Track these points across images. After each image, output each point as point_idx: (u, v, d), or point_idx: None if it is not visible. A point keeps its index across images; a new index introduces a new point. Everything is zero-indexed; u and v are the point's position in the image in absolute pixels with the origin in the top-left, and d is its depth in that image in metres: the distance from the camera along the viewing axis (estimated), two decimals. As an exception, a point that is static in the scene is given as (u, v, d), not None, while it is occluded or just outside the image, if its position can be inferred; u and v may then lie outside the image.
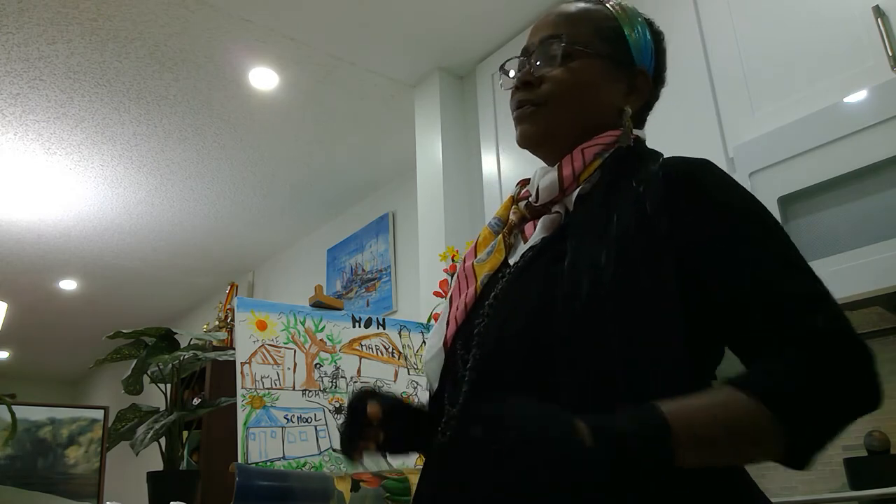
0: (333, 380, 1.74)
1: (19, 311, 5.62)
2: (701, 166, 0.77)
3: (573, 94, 0.85)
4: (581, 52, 0.85)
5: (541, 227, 0.81)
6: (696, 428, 0.60)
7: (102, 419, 1.90)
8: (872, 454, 1.73)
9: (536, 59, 0.87)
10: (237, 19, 2.69)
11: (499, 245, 0.86)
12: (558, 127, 0.85)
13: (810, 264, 0.71)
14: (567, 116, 0.85)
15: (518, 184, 0.93)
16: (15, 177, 3.79)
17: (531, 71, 0.86)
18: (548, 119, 0.85)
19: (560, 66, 0.85)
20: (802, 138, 1.69)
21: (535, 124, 0.85)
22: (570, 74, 0.85)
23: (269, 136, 3.53)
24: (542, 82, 0.85)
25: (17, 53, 2.84)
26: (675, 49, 2.18)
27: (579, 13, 0.90)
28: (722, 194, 0.75)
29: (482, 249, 0.88)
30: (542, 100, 0.85)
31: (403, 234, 3.89)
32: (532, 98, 0.85)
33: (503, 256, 0.85)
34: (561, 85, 0.84)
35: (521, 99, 0.86)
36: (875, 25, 1.66)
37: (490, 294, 0.81)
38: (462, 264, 0.90)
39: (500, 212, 0.91)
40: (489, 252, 0.86)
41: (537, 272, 0.76)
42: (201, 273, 5.29)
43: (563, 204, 0.81)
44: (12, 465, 1.74)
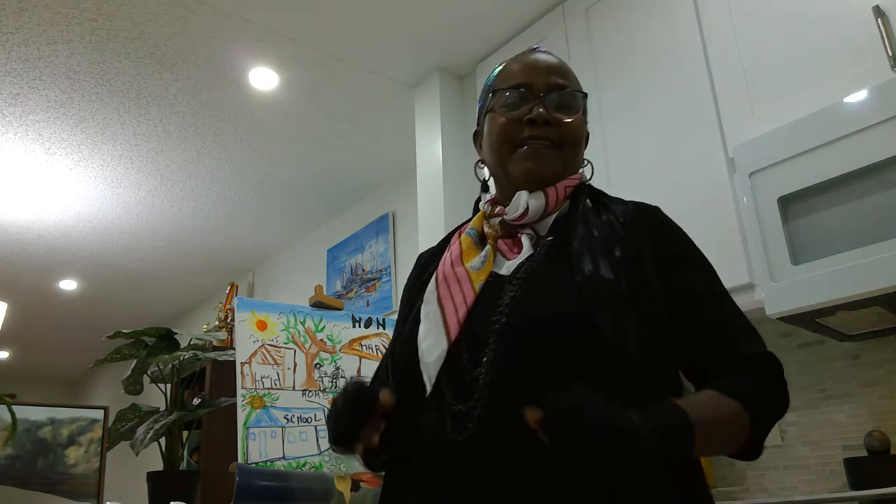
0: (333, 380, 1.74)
1: (19, 311, 5.62)
2: (659, 211, 0.95)
3: (579, 143, 0.97)
4: (581, 108, 0.98)
5: (527, 243, 0.91)
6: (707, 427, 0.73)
7: (102, 419, 1.90)
8: (872, 454, 1.73)
9: (552, 104, 0.95)
10: (237, 19, 2.69)
11: (490, 255, 0.92)
12: (561, 169, 0.94)
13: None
14: (569, 162, 0.96)
15: (488, 202, 1.00)
16: (15, 177, 3.78)
17: (549, 111, 0.94)
18: (560, 162, 0.94)
19: (571, 114, 0.96)
20: (802, 138, 1.69)
21: (551, 165, 0.94)
22: (579, 125, 0.97)
23: (269, 136, 3.53)
24: (560, 127, 0.94)
25: (17, 53, 2.84)
26: (676, 49, 2.20)
27: (568, 70, 1.01)
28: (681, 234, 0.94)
29: (469, 257, 0.93)
30: (561, 142, 0.94)
31: (403, 234, 3.89)
32: (552, 137, 0.94)
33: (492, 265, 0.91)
34: (577, 134, 0.96)
35: (542, 135, 0.94)
36: (875, 25, 1.66)
37: (497, 301, 0.84)
38: (447, 267, 0.93)
39: (476, 223, 0.98)
40: (482, 261, 0.91)
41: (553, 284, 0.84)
42: (201, 273, 5.29)
43: (533, 227, 0.92)
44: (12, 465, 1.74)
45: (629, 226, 0.89)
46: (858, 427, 1.89)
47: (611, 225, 0.89)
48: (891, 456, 1.72)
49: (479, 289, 0.87)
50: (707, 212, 1.88)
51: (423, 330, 0.89)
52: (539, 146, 0.93)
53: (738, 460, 0.83)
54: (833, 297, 1.57)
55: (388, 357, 1.00)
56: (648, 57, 2.21)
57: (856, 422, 1.91)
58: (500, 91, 0.98)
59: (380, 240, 4.03)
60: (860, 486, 1.64)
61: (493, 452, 0.77)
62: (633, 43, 2.28)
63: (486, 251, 0.92)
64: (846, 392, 1.95)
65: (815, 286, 1.59)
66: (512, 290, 0.85)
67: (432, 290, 0.92)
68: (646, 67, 2.21)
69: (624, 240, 0.87)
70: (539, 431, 0.67)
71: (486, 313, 0.85)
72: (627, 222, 0.90)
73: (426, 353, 0.86)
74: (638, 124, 2.18)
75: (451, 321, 0.86)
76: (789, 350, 2.06)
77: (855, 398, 1.93)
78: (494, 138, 0.97)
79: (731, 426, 0.77)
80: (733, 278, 1.75)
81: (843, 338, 1.91)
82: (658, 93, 2.15)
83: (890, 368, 1.89)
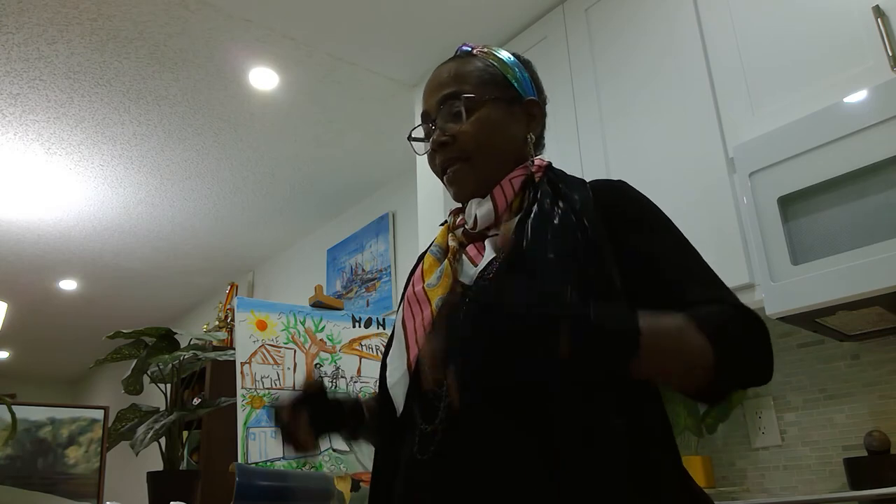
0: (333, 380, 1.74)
1: (19, 311, 5.62)
2: (622, 184, 0.91)
3: (488, 141, 0.94)
4: (479, 103, 0.94)
5: (489, 248, 0.90)
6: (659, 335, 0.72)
7: (102, 419, 1.90)
8: (872, 454, 1.73)
9: (443, 120, 0.95)
10: (237, 19, 2.69)
11: (446, 270, 0.91)
12: (486, 174, 0.93)
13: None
14: (490, 162, 0.94)
15: (451, 213, 1.00)
16: (15, 177, 3.79)
17: (443, 132, 0.94)
18: (475, 172, 0.93)
19: (466, 120, 0.93)
20: (802, 138, 1.69)
21: (467, 181, 0.94)
22: (479, 125, 0.93)
23: (269, 136, 3.53)
24: (456, 139, 0.94)
25: (17, 53, 2.84)
26: (676, 49, 2.20)
27: (462, 70, 0.98)
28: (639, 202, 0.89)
29: (429, 275, 0.93)
30: (465, 154, 0.93)
31: (403, 234, 3.89)
32: (455, 154, 0.94)
33: (451, 279, 0.90)
34: (475, 137, 0.93)
35: (446, 158, 0.95)
36: (875, 25, 1.66)
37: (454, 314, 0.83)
38: (410, 289, 0.95)
39: (439, 239, 0.98)
40: (438, 276, 0.91)
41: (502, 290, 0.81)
42: (201, 273, 5.29)
43: (499, 228, 0.91)
44: (12, 465, 1.74)
45: (585, 211, 0.85)
46: (858, 427, 1.89)
47: (564, 217, 0.85)
48: (891, 456, 1.72)
49: (436, 307, 0.87)
50: (707, 212, 1.87)
51: (391, 353, 0.92)
52: (451, 170, 0.95)
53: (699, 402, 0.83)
54: (833, 297, 1.57)
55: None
56: (648, 57, 2.21)
57: (856, 422, 1.91)
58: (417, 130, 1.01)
59: (380, 240, 4.03)
60: (860, 486, 1.64)
61: (455, 472, 0.77)
62: (633, 43, 2.28)
63: (442, 267, 0.92)
64: (846, 392, 1.95)
65: (815, 286, 1.59)
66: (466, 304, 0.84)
67: (399, 311, 0.94)
68: (646, 67, 2.21)
69: (576, 230, 0.83)
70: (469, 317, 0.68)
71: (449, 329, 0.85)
72: (583, 207, 0.85)
73: (390, 375, 0.89)
74: (638, 124, 2.18)
75: (411, 343, 0.87)
76: (789, 350, 2.06)
77: (855, 398, 1.93)
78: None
79: (687, 347, 0.73)
80: (733, 278, 1.75)
81: (843, 338, 1.91)
82: (658, 93, 2.15)
83: (890, 368, 1.89)
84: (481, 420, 0.78)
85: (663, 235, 0.87)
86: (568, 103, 2.39)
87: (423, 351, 0.81)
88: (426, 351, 0.75)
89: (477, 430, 0.78)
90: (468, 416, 0.79)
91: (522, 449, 0.74)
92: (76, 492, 1.79)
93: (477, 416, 0.78)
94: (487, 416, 0.77)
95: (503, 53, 1.02)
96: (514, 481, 0.73)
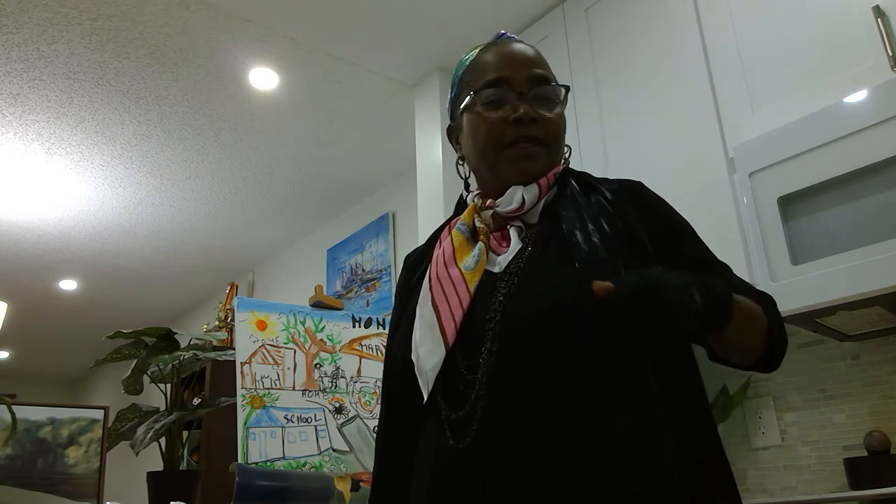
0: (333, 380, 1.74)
1: (19, 311, 5.61)
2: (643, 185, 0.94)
3: (562, 136, 0.96)
4: (563, 99, 0.96)
5: (515, 237, 0.89)
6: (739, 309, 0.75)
7: (102, 419, 1.90)
8: (872, 454, 1.73)
9: (536, 100, 0.93)
10: (237, 19, 2.69)
11: (483, 254, 0.88)
12: (551, 165, 0.93)
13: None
14: (556, 158, 0.95)
15: (478, 194, 0.96)
16: (15, 177, 3.78)
17: (534, 110, 0.92)
18: (547, 158, 0.93)
19: (554, 111, 0.94)
20: (802, 138, 1.69)
21: (541, 163, 0.92)
22: (561, 119, 0.95)
23: (269, 136, 3.53)
24: (545, 123, 0.92)
25: (17, 53, 2.84)
26: (676, 49, 2.20)
27: (543, 60, 0.98)
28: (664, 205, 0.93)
29: (462, 255, 0.90)
30: (547, 140, 0.92)
31: (403, 234, 3.89)
32: (539, 135, 0.91)
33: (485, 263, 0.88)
34: (558, 128, 0.94)
35: (527, 135, 0.91)
36: (875, 25, 1.66)
37: (491, 298, 0.82)
38: (438, 267, 0.90)
39: (466, 218, 0.95)
40: (476, 259, 0.88)
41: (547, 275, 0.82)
42: (201, 273, 5.29)
43: (521, 218, 0.91)
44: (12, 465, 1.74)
45: (616, 202, 0.87)
46: (858, 427, 1.89)
47: (599, 203, 0.87)
48: (891, 456, 1.72)
49: (473, 290, 0.84)
50: (707, 212, 1.87)
51: (418, 336, 0.86)
52: (528, 146, 0.91)
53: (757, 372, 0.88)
54: (833, 297, 1.57)
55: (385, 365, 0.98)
56: (648, 57, 2.21)
57: (856, 422, 1.91)
58: (479, 87, 0.94)
59: (380, 240, 4.03)
60: (860, 486, 1.64)
61: (500, 458, 0.74)
62: (633, 43, 2.28)
63: (479, 249, 0.88)
64: (846, 392, 1.95)
65: (815, 286, 1.59)
66: (504, 287, 0.83)
67: (426, 292, 0.89)
68: (646, 67, 2.21)
69: (613, 215, 0.85)
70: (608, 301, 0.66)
71: (480, 314, 0.82)
72: (615, 198, 0.88)
73: (424, 359, 0.83)
74: (638, 124, 2.18)
75: (447, 325, 0.83)
76: (789, 350, 2.04)
77: (855, 398, 1.93)
78: (481, 139, 0.93)
79: (755, 318, 0.81)
80: (733, 278, 1.75)
81: (843, 338, 1.91)
82: (658, 93, 2.15)
83: (890, 368, 1.89)
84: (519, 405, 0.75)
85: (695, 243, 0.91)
86: (568, 103, 2.39)
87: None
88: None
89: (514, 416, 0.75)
90: (506, 401, 0.76)
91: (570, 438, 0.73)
92: (76, 492, 1.79)
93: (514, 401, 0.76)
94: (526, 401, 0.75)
95: None
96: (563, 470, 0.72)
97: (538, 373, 0.76)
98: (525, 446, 0.73)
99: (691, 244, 0.90)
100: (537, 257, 0.85)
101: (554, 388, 0.75)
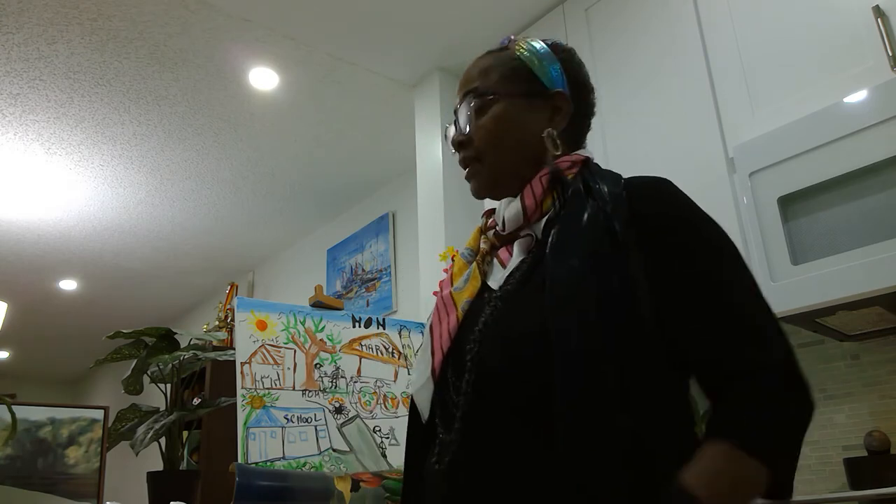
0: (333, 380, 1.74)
1: (19, 311, 5.62)
2: (659, 185, 0.82)
3: (501, 137, 0.91)
4: (493, 100, 0.91)
5: (518, 250, 0.87)
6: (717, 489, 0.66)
7: (102, 419, 1.90)
8: (872, 454, 1.73)
9: (462, 119, 0.94)
10: (237, 19, 2.69)
11: (474, 272, 0.90)
12: (501, 171, 0.91)
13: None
14: (505, 159, 0.91)
15: (484, 214, 0.98)
16: (15, 177, 3.78)
17: (460, 132, 0.94)
18: (489, 169, 0.91)
19: (480, 118, 0.92)
20: (802, 138, 1.69)
21: (480, 177, 0.92)
22: (492, 122, 0.91)
23: (268, 136, 3.53)
24: (472, 138, 0.93)
25: (17, 53, 2.84)
26: (676, 49, 2.20)
27: (486, 64, 0.95)
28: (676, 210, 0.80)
29: (458, 278, 0.92)
30: (479, 153, 0.92)
31: (403, 234, 3.89)
32: (471, 154, 0.93)
33: (479, 283, 0.89)
34: (487, 135, 0.91)
35: (462, 158, 0.94)
36: (875, 25, 1.66)
37: (478, 320, 0.83)
38: (440, 293, 0.93)
39: (471, 242, 0.97)
40: (466, 280, 0.90)
41: (525, 299, 0.80)
42: (201, 273, 5.29)
43: (531, 228, 0.87)
44: (12, 465, 1.74)
45: (615, 213, 0.77)
46: (858, 427, 1.89)
47: (592, 220, 0.77)
48: (891, 456, 1.72)
49: (462, 311, 0.86)
50: (707, 212, 1.87)
51: (417, 359, 0.91)
52: (467, 171, 0.94)
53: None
54: (833, 297, 1.57)
55: None
56: (648, 57, 2.21)
57: (856, 422, 1.91)
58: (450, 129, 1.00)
59: (380, 240, 4.03)
60: (860, 486, 1.64)
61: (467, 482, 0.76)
62: (633, 43, 2.28)
63: (470, 270, 0.91)
64: (846, 392, 1.95)
65: (815, 286, 1.59)
66: (489, 310, 0.83)
67: (429, 316, 0.93)
68: (646, 67, 2.21)
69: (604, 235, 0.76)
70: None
71: (469, 337, 0.83)
72: (615, 208, 0.78)
73: (414, 381, 0.88)
74: (638, 124, 2.18)
75: (436, 348, 0.86)
76: (789, 350, 2.06)
77: (855, 398, 1.93)
78: None
79: (748, 486, 0.68)
80: (733, 278, 1.75)
81: (843, 338, 1.91)
82: (658, 93, 2.15)
83: (890, 368, 1.89)
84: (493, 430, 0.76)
85: (700, 255, 0.77)
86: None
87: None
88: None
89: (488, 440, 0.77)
90: (481, 425, 0.77)
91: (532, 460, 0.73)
92: (76, 492, 1.79)
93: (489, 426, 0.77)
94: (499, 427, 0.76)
95: (536, 44, 0.96)
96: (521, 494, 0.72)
97: (509, 401, 0.76)
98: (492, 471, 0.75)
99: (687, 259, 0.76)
100: (525, 280, 0.82)
101: (525, 415, 0.75)
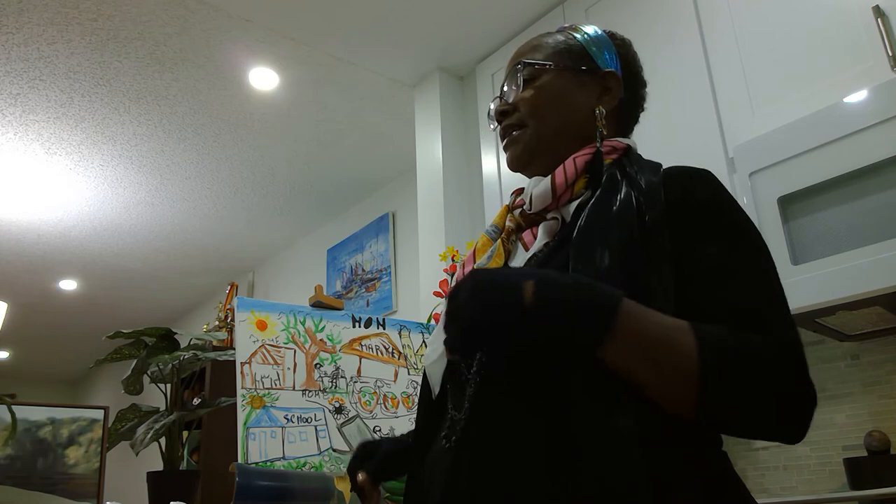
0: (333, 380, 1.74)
1: (19, 311, 5.61)
2: (699, 176, 0.79)
3: (546, 107, 0.89)
4: (542, 70, 0.90)
5: (542, 233, 0.85)
6: (638, 333, 0.63)
7: (102, 419, 1.90)
8: (872, 454, 1.73)
9: (507, 89, 0.93)
10: (237, 19, 2.69)
11: (498, 250, 0.88)
12: (541, 142, 0.88)
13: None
14: (547, 130, 0.88)
15: (513, 193, 0.95)
16: (15, 177, 3.79)
17: (504, 101, 0.92)
18: (530, 138, 0.89)
19: (526, 87, 0.90)
20: (802, 138, 1.69)
21: (518, 145, 0.90)
22: (539, 91, 0.89)
23: (269, 136, 3.53)
24: (517, 108, 0.90)
25: (17, 53, 2.84)
26: (676, 49, 2.19)
27: (538, 42, 0.95)
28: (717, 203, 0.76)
29: (481, 255, 0.90)
30: (522, 121, 0.90)
31: (403, 234, 3.89)
32: (513, 122, 0.90)
33: (503, 261, 0.87)
34: (532, 103, 0.89)
35: (504, 126, 0.92)
36: (875, 25, 1.66)
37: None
38: (461, 269, 0.91)
39: (497, 219, 0.94)
40: (489, 257, 0.88)
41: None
42: (201, 273, 5.29)
43: (559, 212, 0.84)
44: (12, 465, 1.74)
45: (649, 200, 0.74)
46: (858, 427, 1.89)
47: (623, 209, 0.74)
48: (891, 456, 1.72)
49: None
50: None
51: (433, 333, 0.89)
52: (507, 139, 0.91)
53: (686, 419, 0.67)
54: (833, 297, 1.57)
55: None
56: (648, 57, 2.20)
57: (856, 422, 1.91)
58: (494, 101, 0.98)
59: (380, 240, 4.03)
60: (860, 486, 1.64)
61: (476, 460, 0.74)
62: (634, 43, 2.27)
63: (494, 247, 0.89)
64: (846, 392, 1.95)
65: (815, 286, 1.59)
66: None
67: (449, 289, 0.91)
68: (646, 67, 2.20)
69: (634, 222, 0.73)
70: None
71: None
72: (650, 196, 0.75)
73: (427, 356, 0.87)
74: (638, 124, 2.18)
75: None
76: (789, 350, 2.06)
77: (855, 398, 1.93)
78: None
79: (667, 350, 0.63)
80: (733, 278, 1.75)
81: (843, 338, 1.91)
82: (658, 93, 2.14)
83: (890, 368, 1.89)
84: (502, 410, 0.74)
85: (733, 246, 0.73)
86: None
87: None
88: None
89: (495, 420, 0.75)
90: (490, 405, 0.76)
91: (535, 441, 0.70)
92: (76, 492, 1.79)
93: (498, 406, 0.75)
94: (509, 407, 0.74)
95: (590, 28, 0.97)
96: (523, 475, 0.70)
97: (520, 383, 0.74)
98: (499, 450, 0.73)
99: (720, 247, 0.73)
100: (544, 263, 0.80)
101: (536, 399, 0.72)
